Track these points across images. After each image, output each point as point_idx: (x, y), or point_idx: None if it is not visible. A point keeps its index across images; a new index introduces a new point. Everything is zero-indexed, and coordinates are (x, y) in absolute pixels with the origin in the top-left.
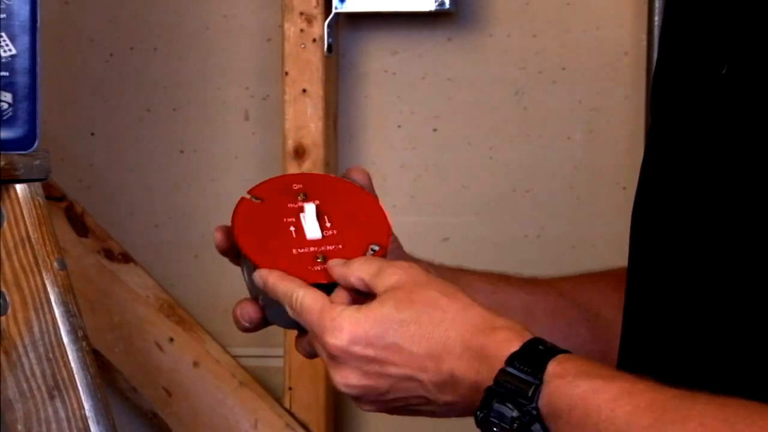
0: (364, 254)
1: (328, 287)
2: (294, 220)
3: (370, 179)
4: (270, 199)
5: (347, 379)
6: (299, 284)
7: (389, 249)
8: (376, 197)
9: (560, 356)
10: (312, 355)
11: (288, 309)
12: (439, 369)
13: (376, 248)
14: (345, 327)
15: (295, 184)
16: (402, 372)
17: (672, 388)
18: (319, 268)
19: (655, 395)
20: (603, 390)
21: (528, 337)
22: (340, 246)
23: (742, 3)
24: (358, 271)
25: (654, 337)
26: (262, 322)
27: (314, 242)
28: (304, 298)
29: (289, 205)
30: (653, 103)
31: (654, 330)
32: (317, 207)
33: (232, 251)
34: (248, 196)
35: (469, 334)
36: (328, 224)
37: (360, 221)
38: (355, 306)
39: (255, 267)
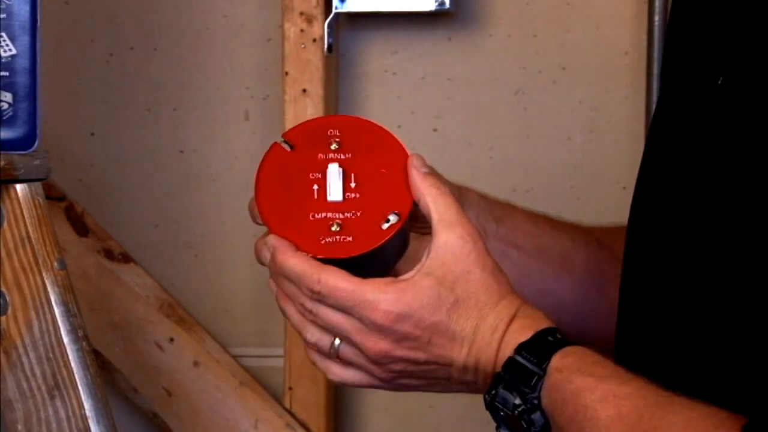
0: (382, 225)
1: (336, 263)
2: (320, 176)
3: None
4: (301, 147)
5: (379, 347)
6: (315, 265)
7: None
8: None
9: (566, 349)
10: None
11: (305, 288)
12: (470, 352)
13: (393, 219)
14: (385, 302)
15: (331, 130)
16: (438, 352)
17: (657, 391)
18: (330, 239)
19: (637, 402)
20: (592, 389)
21: (542, 326)
22: (359, 213)
23: (739, 13)
24: (437, 202)
25: (649, 333)
26: None
27: (334, 206)
28: (328, 278)
29: (319, 156)
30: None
31: (649, 326)
32: (346, 161)
33: None
34: (281, 140)
35: (495, 323)
36: (352, 184)
37: (387, 182)
38: (389, 279)
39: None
